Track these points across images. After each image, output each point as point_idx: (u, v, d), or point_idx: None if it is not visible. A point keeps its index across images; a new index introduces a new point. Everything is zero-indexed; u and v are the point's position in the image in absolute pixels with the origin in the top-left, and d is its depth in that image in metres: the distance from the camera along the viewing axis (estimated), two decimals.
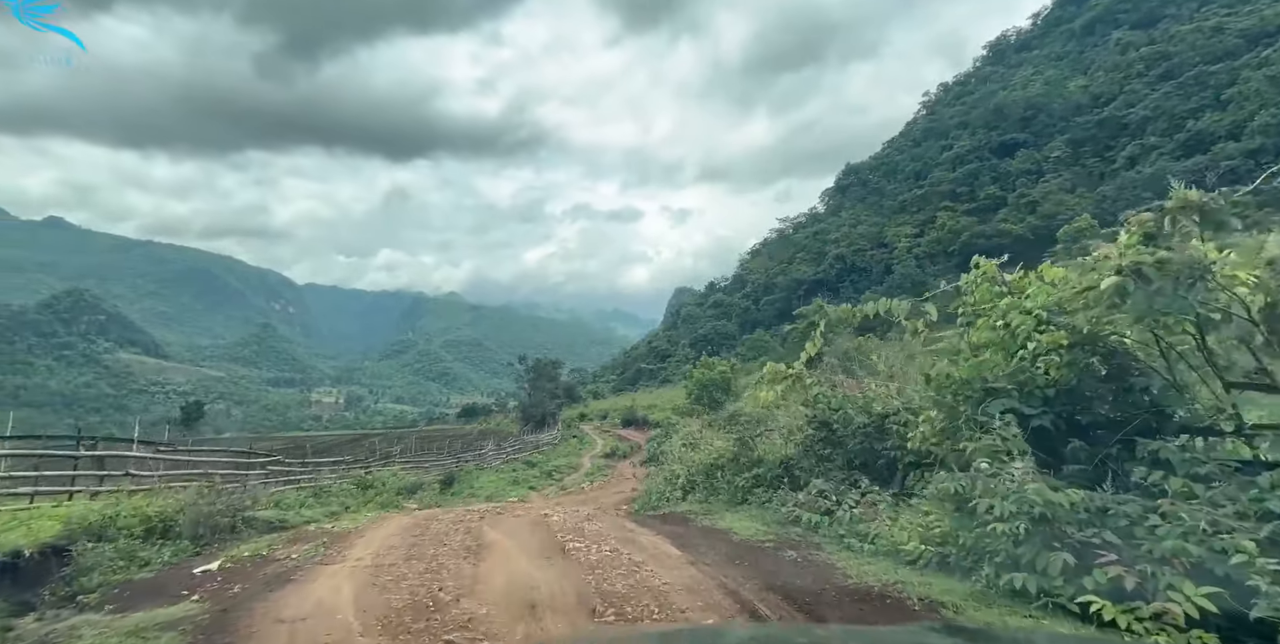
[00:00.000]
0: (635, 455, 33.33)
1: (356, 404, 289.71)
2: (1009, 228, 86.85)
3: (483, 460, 25.60)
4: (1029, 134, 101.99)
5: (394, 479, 15.56)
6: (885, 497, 5.12)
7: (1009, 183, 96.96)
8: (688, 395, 24.21)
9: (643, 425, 55.56)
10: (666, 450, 13.47)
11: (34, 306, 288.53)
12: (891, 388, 6.16)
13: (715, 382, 23.36)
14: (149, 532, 6.67)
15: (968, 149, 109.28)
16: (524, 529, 7.37)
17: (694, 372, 25.26)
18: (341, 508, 11.55)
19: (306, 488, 14.22)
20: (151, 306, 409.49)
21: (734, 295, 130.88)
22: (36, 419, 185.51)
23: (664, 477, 10.41)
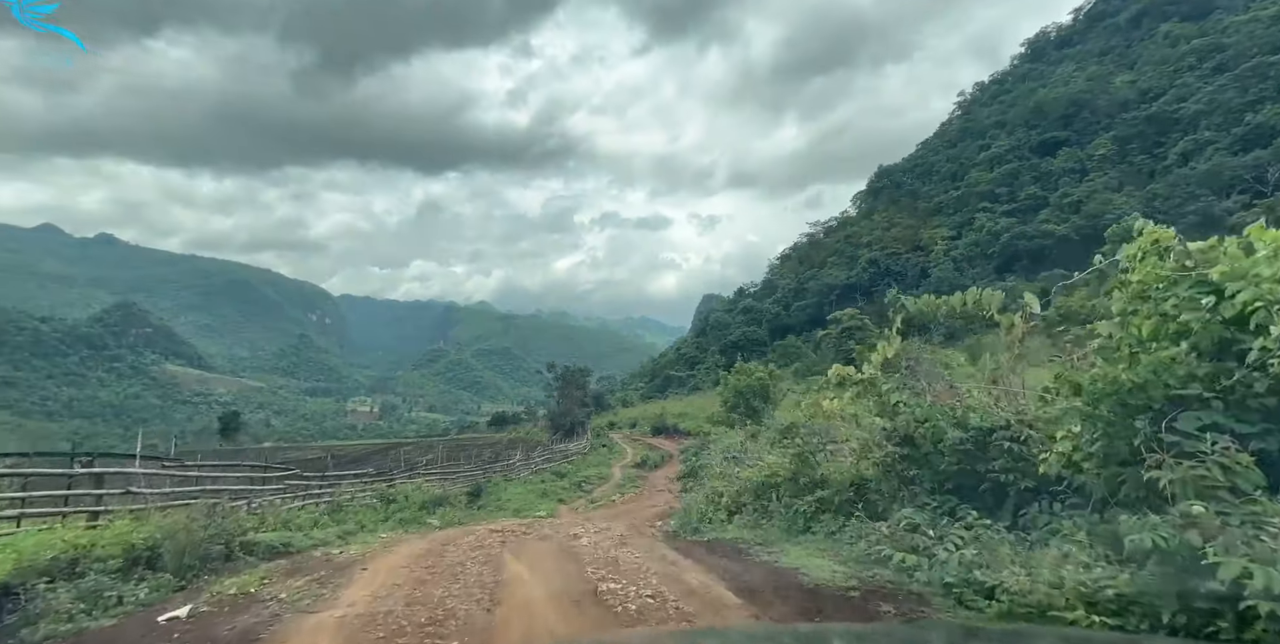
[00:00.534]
0: (667, 465, 32.22)
1: (391, 413, 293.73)
2: (1052, 228, 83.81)
3: (511, 471, 24.82)
4: (1071, 132, 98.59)
5: (418, 493, 14.79)
6: (1000, 533, 4.01)
7: (1050, 182, 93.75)
8: (723, 403, 22.94)
9: (673, 434, 54.41)
10: (705, 464, 12.40)
11: (85, 320, 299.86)
12: (994, 395, 5.04)
13: (753, 388, 22.00)
14: (132, 563, 5.90)
15: (1006, 148, 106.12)
16: (549, 559, 6.41)
17: (729, 378, 23.99)
18: (358, 526, 10.77)
19: (327, 503, 13.52)
20: (195, 319, 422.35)
21: (764, 301, 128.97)
22: (88, 429, 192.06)
23: (704, 494, 9.36)
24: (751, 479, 7.72)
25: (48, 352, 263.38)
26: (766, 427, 14.57)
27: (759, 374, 22.86)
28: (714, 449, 15.70)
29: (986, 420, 4.61)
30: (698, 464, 13.50)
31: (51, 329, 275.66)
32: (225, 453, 55.97)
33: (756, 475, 7.65)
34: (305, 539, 8.37)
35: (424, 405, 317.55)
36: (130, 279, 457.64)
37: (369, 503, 14.15)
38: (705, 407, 66.50)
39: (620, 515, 14.99)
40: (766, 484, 7.36)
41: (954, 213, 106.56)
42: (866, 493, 5.62)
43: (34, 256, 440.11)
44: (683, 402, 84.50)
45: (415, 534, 9.98)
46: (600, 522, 13.43)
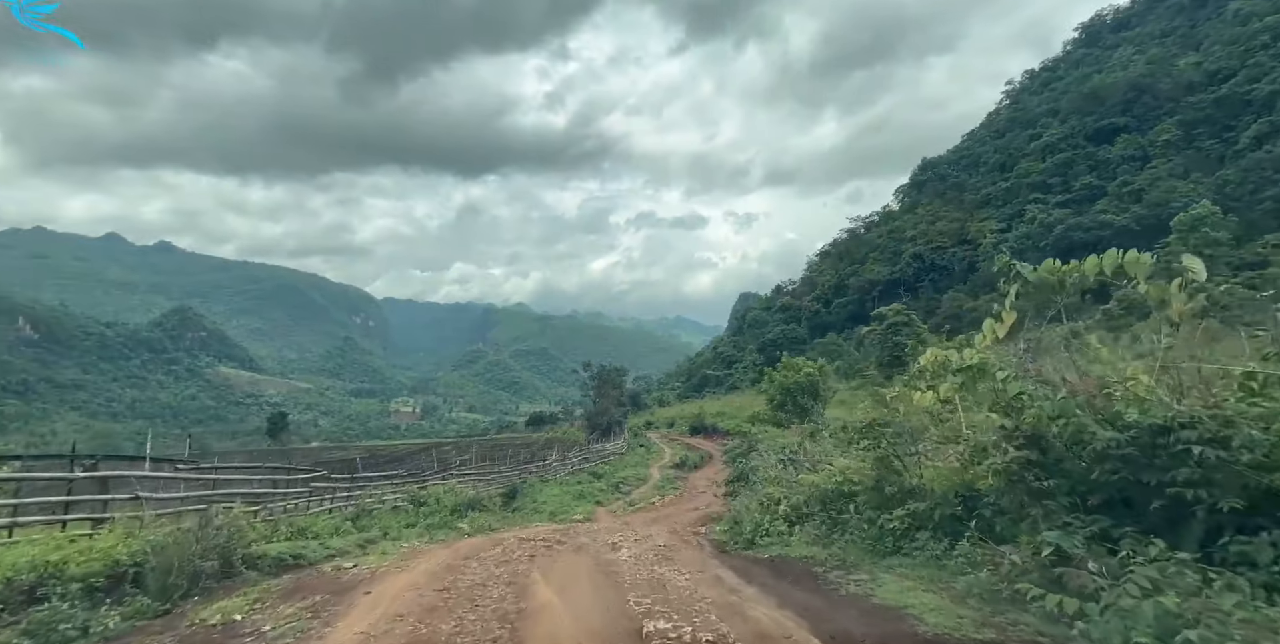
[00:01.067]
0: (707, 466, 31.07)
1: (432, 413, 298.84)
2: (1110, 219, 79.59)
3: (547, 472, 24.04)
4: (1130, 118, 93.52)
5: (450, 495, 14.06)
6: (1191, 569, 2.84)
7: (1108, 171, 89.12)
8: (769, 401, 21.51)
9: (712, 433, 53.15)
10: (756, 467, 11.29)
11: (146, 325, 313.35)
12: (1164, 384, 3.82)
13: (801, 385, 20.53)
14: (117, 581, 5.16)
15: (1059, 137, 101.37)
16: (584, 579, 5.46)
17: (774, 374, 22.50)
18: (381, 533, 10.07)
19: (354, 507, 12.89)
20: (246, 323, 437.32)
21: (802, 298, 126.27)
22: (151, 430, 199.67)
23: (758, 501, 8.28)
24: (819, 486, 6.59)
25: (113, 355, 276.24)
26: (823, 425, 13.39)
27: (807, 370, 21.31)
28: (764, 450, 14.55)
29: (1153, 416, 3.44)
30: (747, 467, 12.31)
31: (115, 334, 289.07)
32: (262, 454, 57.05)
33: (825, 481, 6.51)
34: (320, 549, 7.63)
35: (464, 406, 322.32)
36: (187, 285, 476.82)
37: (400, 506, 13.49)
38: (745, 406, 65.00)
39: (660, 519, 13.99)
40: (839, 492, 6.22)
41: (1003, 205, 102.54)
42: (978, 508, 4.45)
43: (100, 264, 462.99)
44: (720, 401, 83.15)
45: (440, 543, 9.20)
46: (640, 526, 12.46)
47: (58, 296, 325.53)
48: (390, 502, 13.79)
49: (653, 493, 20.66)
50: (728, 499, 14.06)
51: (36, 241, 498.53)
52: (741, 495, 11.15)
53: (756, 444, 18.75)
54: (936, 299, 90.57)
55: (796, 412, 19.88)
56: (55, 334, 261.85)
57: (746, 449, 18.68)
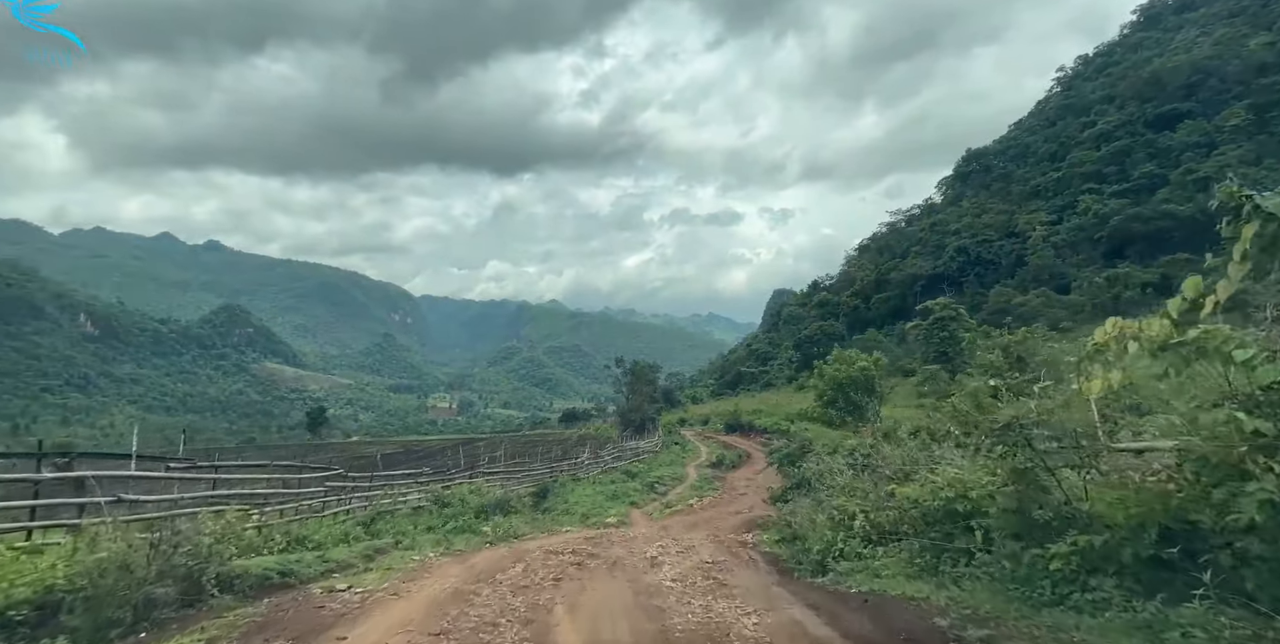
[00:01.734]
0: (745, 465, 29.65)
1: (468, 409, 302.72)
2: (1173, 209, 75.10)
3: (579, 470, 22.95)
4: (1195, 103, 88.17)
5: (475, 495, 13.05)
6: None
7: (1169, 159, 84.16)
8: (818, 397, 19.73)
9: (748, 432, 51.56)
10: (820, 472, 9.78)
11: (197, 321, 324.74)
12: None
13: (854, 380, 18.74)
14: (48, 611, 4.14)
15: (1115, 124, 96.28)
16: (620, 617, 4.22)
17: (825, 368, 20.72)
18: (393, 540, 9.05)
19: (372, 508, 11.94)
20: (290, 320, 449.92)
21: (841, 294, 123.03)
22: (199, 424, 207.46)
23: (827, 514, 6.92)
24: (920, 501, 5.19)
25: (165, 350, 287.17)
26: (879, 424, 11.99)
27: (861, 363, 19.45)
28: (820, 451, 13.08)
29: None
30: (807, 472, 10.70)
31: (169, 330, 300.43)
32: (299, 448, 57.53)
33: (928, 496, 5.09)
34: (316, 564, 6.60)
35: (499, 401, 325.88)
36: (235, 283, 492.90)
37: (424, 506, 12.53)
38: (782, 403, 63.17)
39: (701, 524, 12.73)
40: (949, 512, 4.82)
41: (1053, 196, 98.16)
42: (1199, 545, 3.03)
43: (154, 263, 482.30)
44: (756, 398, 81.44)
45: (455, 556, 8.25)
46: (679, 531, 11.23)
47: (115, 294, 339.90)
48: (412, 502, 12.84)
49: (690, 494, 19.37)
50: (775, 504, 12.72)
51: (97, 241, 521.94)
52: (798, 502, 9.73)
53: (809, 445, 17.02)
54: (983, 294, 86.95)
55: (848, 409, 18.21)
56: (114, 330, 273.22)
57: (799, 450, 17.00)
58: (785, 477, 16.77)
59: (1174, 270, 65.27)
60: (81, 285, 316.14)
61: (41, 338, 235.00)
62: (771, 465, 21.89)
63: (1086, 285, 72.28)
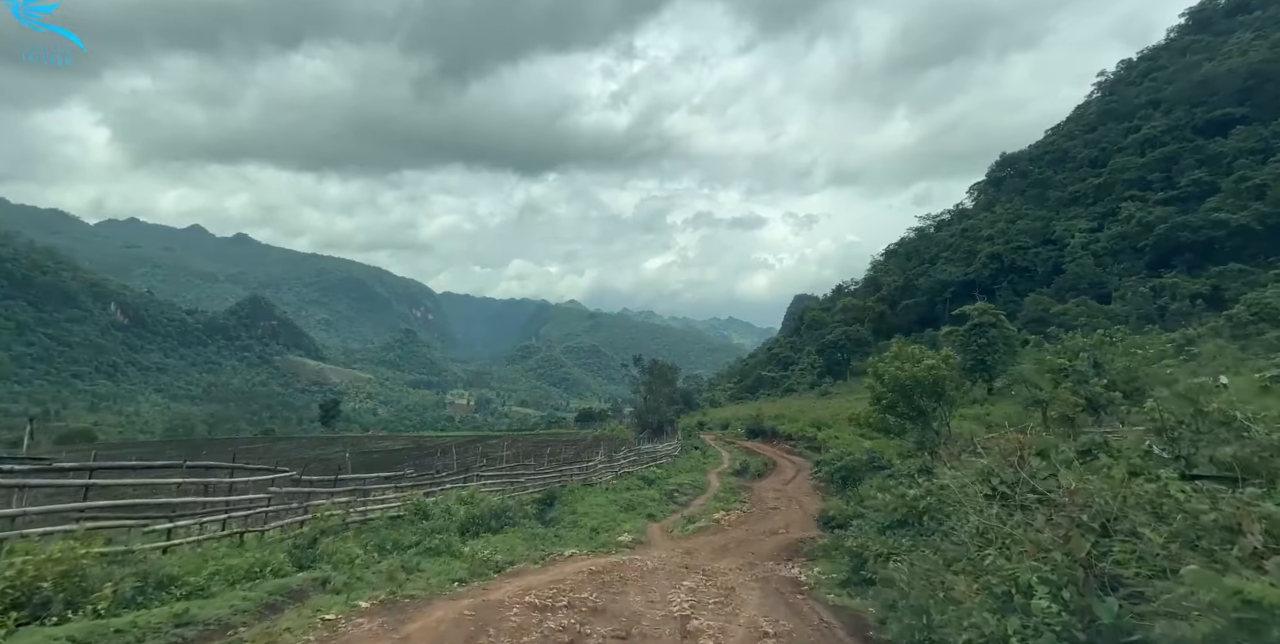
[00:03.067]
0: (772, 474, 27.88)
1: (485, 407, 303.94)
2: (1225, 218, 71.66)
3: (591, 474, 21.30)
4: (1250, 108, 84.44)
5: (464, 506, 11.40)
6: None
7: (1220, 166, 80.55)
8: (874, 401, 17.30)
9: (771, 437, 49.69)
10: (938, 503, 7.08)
11: (223, 313, 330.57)
12: None
13: (920, 382, 15.95)
14: None
15: (1162, 130, 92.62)
16: None
17: (880, 365, 17.96)
18: (325, 576, 7.31)
19: (318, 522, 10.00)
20: (313, 313, 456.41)
21: (866, 299, 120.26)
22: (222, 414, 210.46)
23: (979, 582, 4.53)
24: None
25: (191, 341, 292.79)
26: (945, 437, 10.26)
27: (929, 361, 16.46)
28: (906, 469, 11.11)
29: None
30: (913, 502, 7.67)
31: (195, 321, 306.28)
32: (339, 440, 56.70)
33: None
34: (166, 627, 4.81)
35: (516, 400, 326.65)
36: (261, 276, 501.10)
37: (402, 516, 10.95)
38: (805, 409, 61.03)
39: (732, 547, 11.07)
40: None
41: (1093, 203, 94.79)
42: None
43: (184, 255, 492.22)
44: (777, 403, 79.42)
45: (390, 612, 6.23)
46: (707, 556, 9.58)
47: (145, 284, 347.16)
48: (383, 514, 11.24)
49: (714, 506, 17.67)
50: (827, 529, 10.98)
51: (130, 232, 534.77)
52: (896, 546, 7.73)
53: (880, 458, 14.68)
54: (1016, 302, 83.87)
55: (911, 415, 16.09)
56: (142, 320, 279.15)
57: (863, 464, 14.60)
58: (839, 496, 14.62)
59: (1226, 281, 62.11)
60: (114, 275, 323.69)
61: (74, 325, 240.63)
62: (820, 480, 19.74)
63: (1130, 295, 69.13)
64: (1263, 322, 44.96)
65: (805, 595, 6.69)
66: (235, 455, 11.18)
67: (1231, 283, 61.96)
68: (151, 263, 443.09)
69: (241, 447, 54.10)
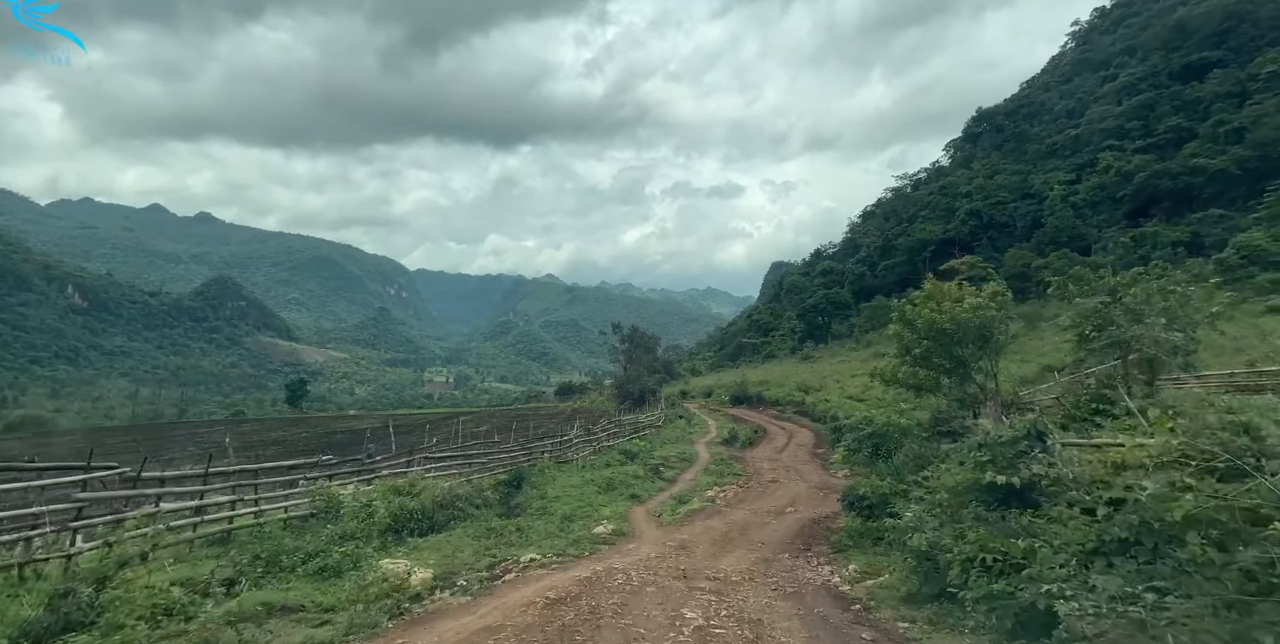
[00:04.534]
0: (763, 442, 26.18)
1: (465, 383, 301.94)
2: (1204, 163, 70.90)
3: (566, 450, 19.11)
4: (1226, 51, 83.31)
5: (397, 499, 9.04)
6: None
7: (1197, 111, 79.65)
8: (900, 352, 14.59)
9: (757, 404, 48.33)
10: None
11: (188, 294, 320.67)
12: None
13: (964, 327, 12.92)
14: None
15: (1138, 77, 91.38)
16: None
17: (909, 308, 15.29)
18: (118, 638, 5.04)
19: (119, 551, 6.71)
20: (284, 293, 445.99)
21: (845, 262, 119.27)
22: (192, 397, 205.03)
23: None
24: None
25: (157, 323, 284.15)
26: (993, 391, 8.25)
27: (973, 300, 13.39)
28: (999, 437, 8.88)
29: None
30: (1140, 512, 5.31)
31: (159, 302, 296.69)
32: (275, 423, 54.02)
33: None
34: None
35: (496, 376, 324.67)
36: (227, 255, 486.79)
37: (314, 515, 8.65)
38: (788, 374, 59.72)
39: (737, 537, 9.08)
40: None
41: (1071, 154, 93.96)
42: None
43: (145, 235, 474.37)
44: (760, 369, 78.43)
45: None
46: (708, 552, 7.55)
47: (104, 266, 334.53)
48: (286, 514, 8.93)
49: (707, 481, 15.73)
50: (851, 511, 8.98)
51: (85, 212, 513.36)
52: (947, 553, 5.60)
53: (918, 430, 11.89)
54: (997, 258, 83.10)
55: (947, 368, 13.74)
56: (103, 302, 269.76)
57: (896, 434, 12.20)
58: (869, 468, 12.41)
59: (1206, 228, 61.49)
60: (70, 257, 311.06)
61: (28, 309, 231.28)
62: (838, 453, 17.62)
63: (1111, 245, 68.45)
64: (1253, 264, 44.13)
65: (866, 625, 4.70)
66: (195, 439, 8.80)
67: (1212, 229, 61.33)
68: (110, 244, 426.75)
69: (200, 430, 51.25)
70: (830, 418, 29.66)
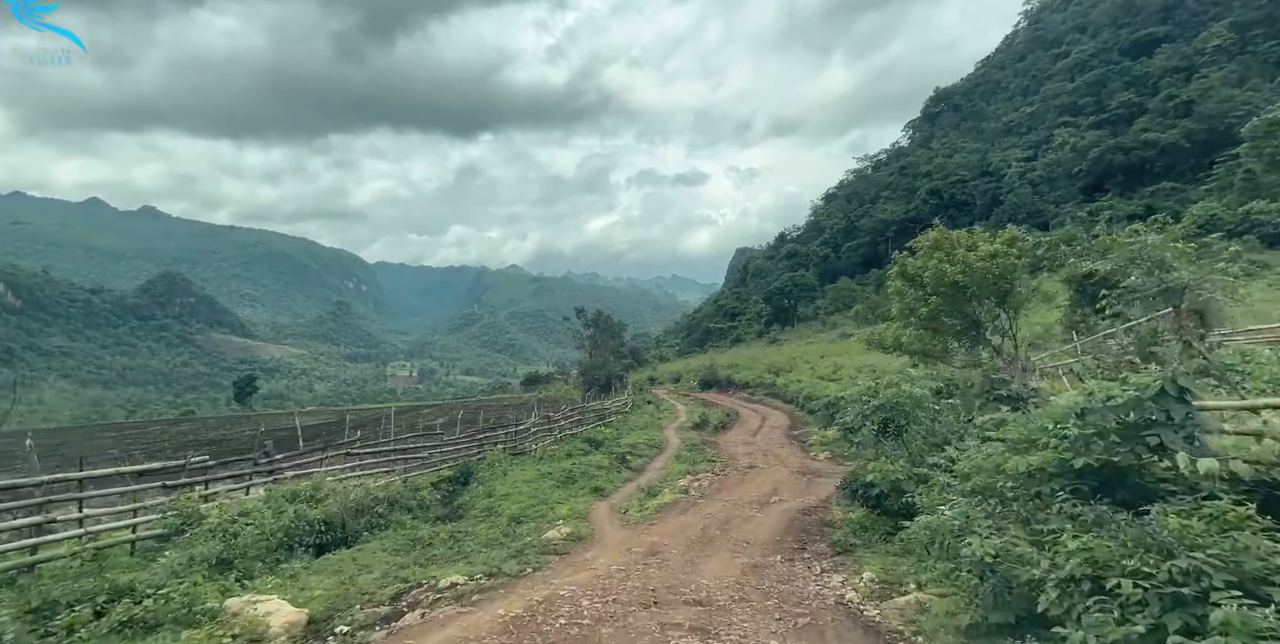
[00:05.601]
0: (735, 425, 24.91)
1: (429, 377, 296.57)
2: (1155, 137, 72.12)
3: (522, 441, 17.16)
4: (1172, 26, 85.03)
5: (291, 507, 7.11)
6: None
7: (1148, 87, 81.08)
8: (904, 314, 12.65)
9: (726, 387, 47.36)
10: None
11: (133, 291, 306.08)
12: None
13: (982, 279, 11.29)
14: None
15: (1090, 53, 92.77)
16: None
17: (909, 262, 13.48)
18: None
19: None
20: (237, 288, 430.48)
21: (809, 244, 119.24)
22: (140, 397, 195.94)
23: None
24: None
25: (99, 322, 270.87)
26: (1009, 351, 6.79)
27: (988, 247, 11.80)
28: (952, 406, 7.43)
29: None
30: None
31: (102, 300, 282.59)
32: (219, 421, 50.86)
33: None
34: None
35: (461, 368, 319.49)
36: (174, 251, 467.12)
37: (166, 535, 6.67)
38: (756, 357, 58.83)
39: (718, 536, 7.59)
40: None
41: (1027, 131, 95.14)
42: None
43: (83, 231, 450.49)
44: (727, 353, 77.52)
45: None
46: (683, 556, 6.03)
47: (39, 263, 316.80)
48: (133, 533, 6.98)
49: (678, 469, 14.23)
50: (854, 501, 7.55)
51: (15, 207, 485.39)
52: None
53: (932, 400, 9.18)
54: None
55: (961, 329, 12.13)
56: (39, 301, 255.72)
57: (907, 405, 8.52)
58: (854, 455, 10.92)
59: (1158, 201, 62.35)
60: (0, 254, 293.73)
61: None
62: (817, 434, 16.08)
63: (1068, 221, 69.24)
64: (1211, 233, 44.53)
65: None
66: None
67: (1164, 201, 62.19)
68: (45, 240, 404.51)
69: (132, 431, 47.84)
70: (806, 398, 28.55)
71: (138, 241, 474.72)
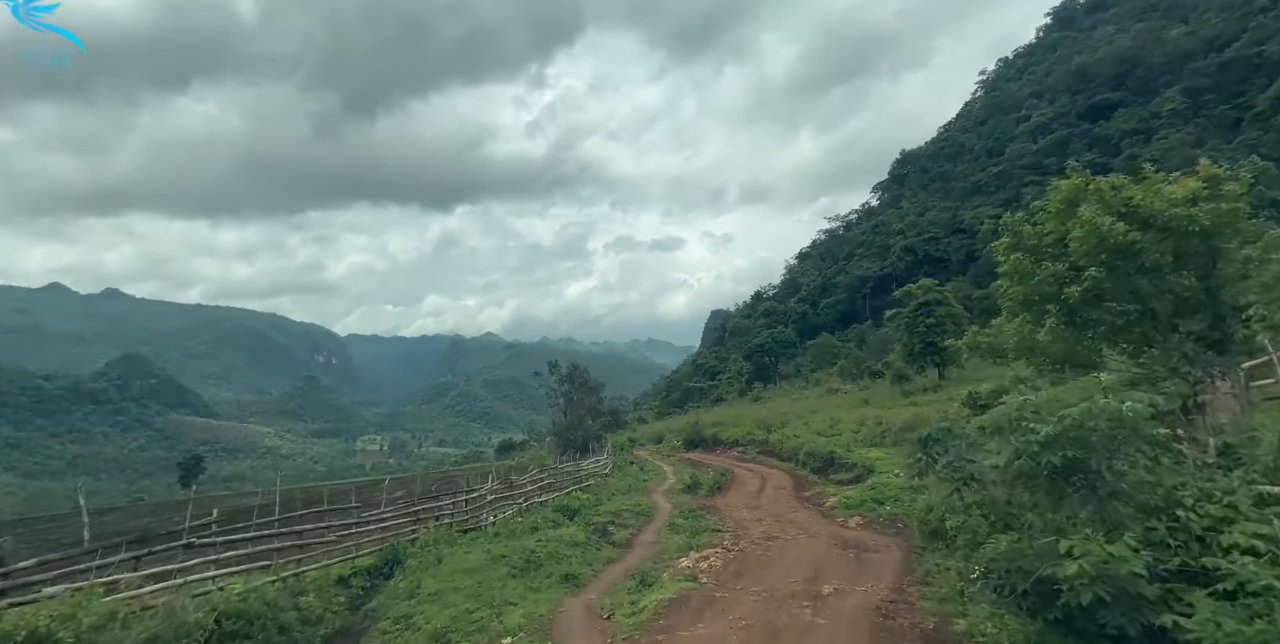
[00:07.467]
0: (733, 487, 21.38)
1: (401, 450, 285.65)
2: None
3: (478, 511, 13.39)
4: (1125, 92, 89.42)
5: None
6: None
7: (1109, 147, 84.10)
8: (1025, 303, 8.28)
9: (713, 446, 43.75)
10: None
11: (89, 375, 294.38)
12: None
13: (1185, 232, 7.66)
14: None
15: (1050, 117, 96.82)
16: None
17: (1026, 229, 10.33)
18: None
19: None
20: (201, 367, 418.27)
21: (786, 302, 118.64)
22: (90, 486, 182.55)
23: None
24: None
25: (51, 410, 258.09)
26: None
27: (1182, 188, 8.59)
28: None
29: None
30: None
31: (55, 386, 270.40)
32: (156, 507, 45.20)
33: None
34: None
35: (434, 440, 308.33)
36: (136, 332, 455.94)
37: None
38: (743, 414, 55.39)
39: None
40: None
41: (995, 190, 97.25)
42: None
43: (40, 316, 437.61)
44: (711, 412, 73.85)
45: None
46: None
47: None
48: None
49: (676, 542, 10.70)
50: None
51: None
52: None
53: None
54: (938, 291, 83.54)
55: (1129, 321, 7.58)
56: None
57: (1109, 443, 4.43)
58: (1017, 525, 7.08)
59: None
60: None
61: None
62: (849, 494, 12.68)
63: None
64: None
65: None
66: None
67: None
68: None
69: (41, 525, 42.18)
70: (807, 455, 25.28)
71: (98, 325, 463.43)
